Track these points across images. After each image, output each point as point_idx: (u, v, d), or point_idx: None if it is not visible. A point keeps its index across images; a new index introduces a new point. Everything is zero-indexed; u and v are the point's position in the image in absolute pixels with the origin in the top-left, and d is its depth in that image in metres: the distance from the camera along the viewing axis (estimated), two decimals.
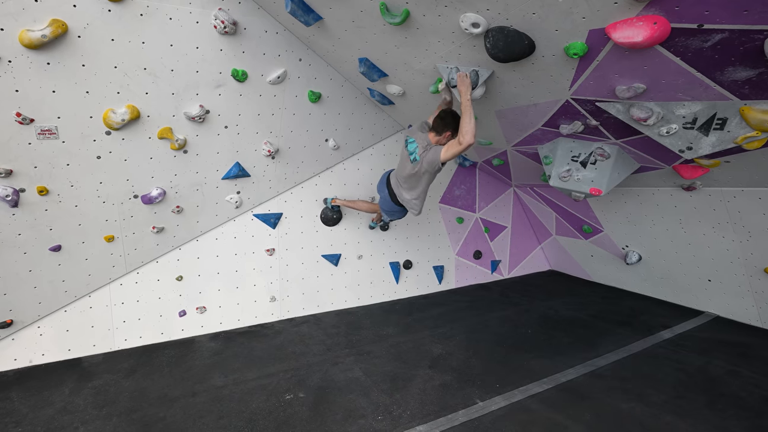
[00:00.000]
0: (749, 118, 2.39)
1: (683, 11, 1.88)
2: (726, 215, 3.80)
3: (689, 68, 2.24)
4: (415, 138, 3.24)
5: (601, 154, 3.53)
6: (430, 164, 3.10)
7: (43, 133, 3.00)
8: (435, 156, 3.04)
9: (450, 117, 3.09)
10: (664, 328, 4.10)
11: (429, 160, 3.09)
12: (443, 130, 3.12)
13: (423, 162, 3.13)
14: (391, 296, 5.08)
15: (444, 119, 3.10)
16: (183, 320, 4.04)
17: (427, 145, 3.16)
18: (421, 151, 3.15)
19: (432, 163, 3.08)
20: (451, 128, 3.09)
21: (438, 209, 5.40)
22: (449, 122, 3.08)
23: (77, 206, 3.36)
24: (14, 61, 2.73)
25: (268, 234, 4.38)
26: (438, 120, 3.13)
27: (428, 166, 3.13)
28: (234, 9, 3.23)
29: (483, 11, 2.33)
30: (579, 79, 2.69)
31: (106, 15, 2.85)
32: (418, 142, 3.20)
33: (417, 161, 3.16)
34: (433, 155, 3.06)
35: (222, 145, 3.74)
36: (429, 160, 3.09)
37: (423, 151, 3.14)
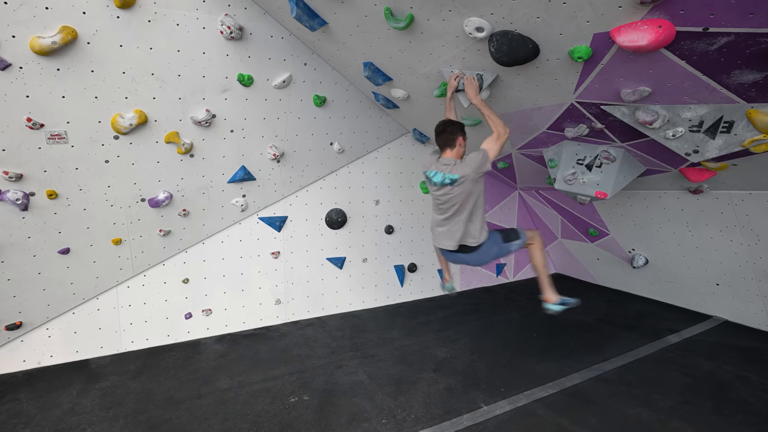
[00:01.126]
0: (756, 122, 2.37)
1: (688, 14, 1.87)
2: (734, 218, 3.77)
3: (695, 71, 2.23)
4: (435, 168, 2.85)
5: (606, 157, 3.51)
6: (476, 170, 2.69)
7: (53, 137, 3.04)
8: (476, 160, 2.68)
9: (450, 125, 2.87)
10: (671, 333, 4.06)
11: (470, 163, 2.69)
12: (454, 139, 2.84)
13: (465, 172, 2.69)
14: (395, 299, 5.08)
15: (445, 130, 2.86)
16: (189, 322, 4.07)
17: (454, 163, 2.77)
18: (454, 170, 2.74)
19: (476, 164, 2.68)
20: (459, 133, 2.86)
21: None
22: (453, 129, 2.85)
23: (86, 209, 3.40)
24: (25, 67, 2.78)
25: (273, 237, 4.40)
26: (442, 136, 2.86)
27: (475, 173, 2.69)
28: (240, 14, 3.27)
29: (487, 15, 2.34)
30: (584, 83, 2.68)
31: (115, 21, 2.90)
32: (441, 168, 2.81)
33: (457, 179, 2.70)
34: (473, 159, 2.70)
35: (228, 149, 3.78)
36: (471, 164, 2.69)
37: (455, 168, 2.74)
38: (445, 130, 2.85)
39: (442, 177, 2.77)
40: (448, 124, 2.87)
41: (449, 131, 2.84)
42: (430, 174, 2.88)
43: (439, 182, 2.79)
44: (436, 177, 2.81)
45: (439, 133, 2.87)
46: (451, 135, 2.85)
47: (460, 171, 2.70)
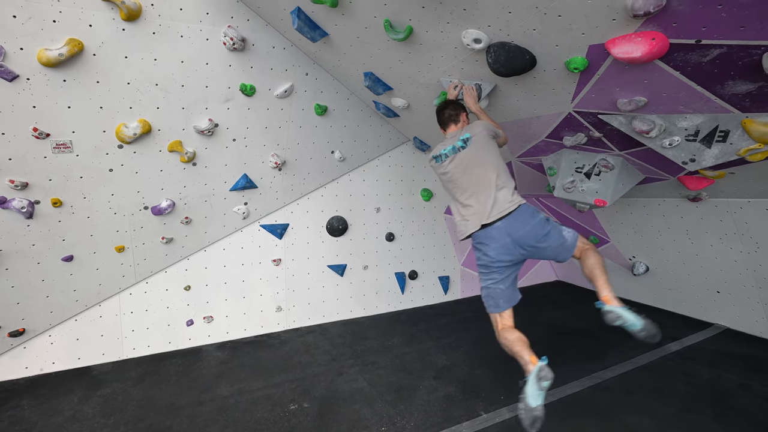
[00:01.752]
0: (751, 131, 2.40)
1: (680, 27, 1.91)
2: (733, 226, 3.78)
3: (689, 82, 2.26)
4: (441, 146, 2.71)
5: (605, 166, 3.54)
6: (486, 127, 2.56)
7: (59, 147, 3.10)
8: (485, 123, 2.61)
9: (450, 102, 2.84)
10: (672, 340, 4.05)
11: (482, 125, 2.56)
12: (458, 114, 2.79)
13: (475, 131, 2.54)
14: (396, 306, 5.09)
15: (446, 108, 2.81)
16: (190, 329, 4.09)
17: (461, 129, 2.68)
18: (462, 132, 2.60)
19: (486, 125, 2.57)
20: (461, 109, 2.83)
21: (443, 220, 5.42)
22: (454, 106, 2.82)
23: (89, 217, 3.44)
24: (32, 78, 2.84)
25: (274, 244, 4.43)
26: (445, 111, 2.79)
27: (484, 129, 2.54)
28: (243, 26, 3.33)
29: (484, 27, 2.38)
30: (581, 93, 2.72)
31: (120, 34, 2.96)
32: (447, 143, 2.66)
33: (468, 137, 2.51)
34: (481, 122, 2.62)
35: (230, 157, 3.82)
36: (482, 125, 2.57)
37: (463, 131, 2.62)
38: (447, 106, 2.83)
39: (451, 147, 2.56)
40: (449, 102, 2.87)
41: (452, 107, 2.83)
42: (438, 153, 2.61)
43: (450, 150, 2.55)
44: (446, 149, 2.57)
45: (441, 110, 2.80)
46: (454, 110, 2.82)
47: (469, 130, 2.56)
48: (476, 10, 2.25)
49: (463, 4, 2.24)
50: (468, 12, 2.29)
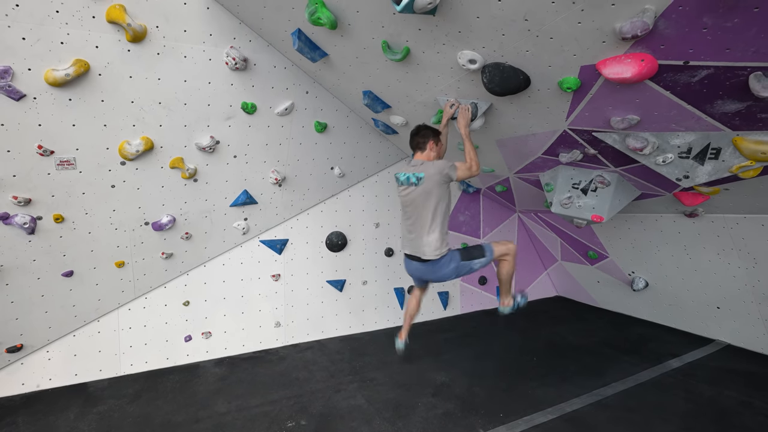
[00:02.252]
0: (742, 149, 2.45)
1: (668, 49, 1.97)
2: (730, 242, 3.79)
3: (680, 101, 2.31)
4: (404, 170, 2.95)
5: (601, 182, 3.58)
6: (440, 171, 2.73)
7: (62, 163, 3.15)
8: (442, 164, 2.75)
9: (424, 128, 2.94)
10: (672, 357, 4.03)
11: (437, 166, 2.75)
12: (425, 142, 2.92)
13: (430, 173, 2.74)
14: (395, 322, 5.07)
15: (418, 133, 2.94)
16: (188, 345, 4.08)
17: (421, 163, 2.86)
18: (420, 169, 2.81)
19: (441, 167, 2.73)
20: (431, 137, 2.93)
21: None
22: (426, 132, 2.93)
23: (90, 233, 3.48)
24: (39, 98, 2.91)
25: (274, 260, 4.45)
26: (415, 138, 2.94)
27: (438, 173, 2.73)
28: (245, 47, 3.42)
29: (479, 48, 2.45)
30: (574, 111, 2.78)
31: (126, 54, 3.05)
32: (408, 169, 2.90)
33: (422, 178, 2.75)
34: (439, 164, 2.75)
35: (231, 173, 3.87)
36: (437, 166, 2.74)
37: (421, 167, 2.81)
38: (418, 132, 2.95)
39: (406, 176, 2.86)
40: (422, 127, 2.96)
41: (422, 134, 2.93)
42: (398, 175, 2.97)
43: (405, 180, 2.87)
44: (403, 176, 2.90)
45: (413, 135, 2.96)
46: (423, 138, 2.93)
47: (426, 170, 2.77)
48: (471, 32, 2.32)
49: (457, 26, 2.31)
50: (463, 34, 2.36)
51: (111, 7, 2.85)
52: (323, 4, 2.58)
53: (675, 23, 1.81)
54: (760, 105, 2.12)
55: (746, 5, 1.60)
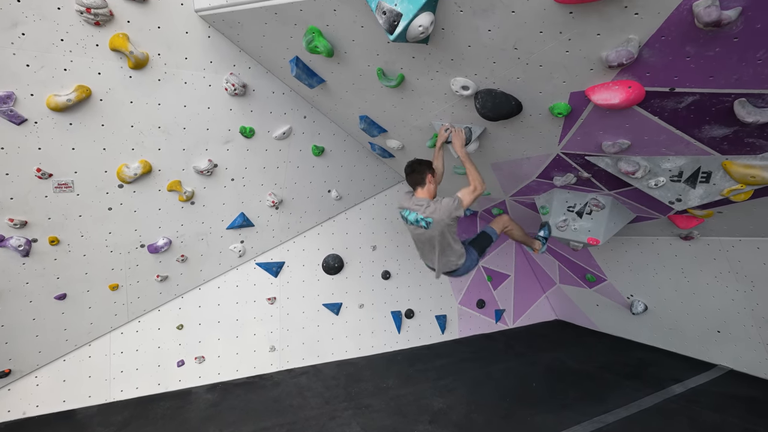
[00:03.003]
0: (732, 172, 2.48)
1: (654, 77, 2.03)
2: (727, 265, 3.79)
3: (668, 126, 2.36)
4: (408, 207, 2.95)
5: (595, 205, 3.60)
6: (448, 214, 2.74)
7: (60, 186, 3.17)
8: (449, 204, 2.75)
9: (417, 164, 2.95)
10: (675, 382, 3.95)
11: (444, 210, 2.75)
12: (423, 177, 2.92)
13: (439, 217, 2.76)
14: (392, 346, 4.99)
15: (415, 170, 2.94)
16: (181, 370, 4.00)
17: (426, 204, 2.84)
18: (427, 212, 2.81)
19: (449, 211, 2.74)
20: (427, 171, 2.93)
21: None
22: (421, 168, 2.93)
23: (85, 255, 3.46)
24: (40, 122, 2.96)
25: (270, 282, 4.42)
26: (412, 176, 2.96)
27: (447, 217, 2.75)
28: (244, 73, 3.50)
29: (471, 75, 2.52)
30: (567, 135, 2.83)
31: (127, 81, 3.12)
32: (414, 208, 2.89)
33: (431, 222, 2.79)
34: (446, 204, 2.76)
35: (228, 196, 3.90)
36: (444, 210, 2.75)
37: (428, 210, 2.82)
38: (414, 170, 2.94)
39: (416, 217, 2.87)
40: (415, 164, 2.95)
41: (418, 171, 2.92)
42: (404, 213, 2.99)
43: (414, 222, 2.89)
44: (411, 216, 2.91)
45: (408, 173, 2.97)
46: (420, 174, 2.91)
47: (434, 215, 2.76)
48: (462, 60, 2.38)
49: (450, 54, 2.38)
50: (455, 62, 2.43)
51: (114, 35, 2.93)
52: (320, 34, 2.66)
53: (659, 52, 1.87)
54: (747, 130, 2.17)
55: (726, 35, 1.66)
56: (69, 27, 2.82)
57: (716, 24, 1.56)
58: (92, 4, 2.77)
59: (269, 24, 2.85)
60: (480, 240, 3.16)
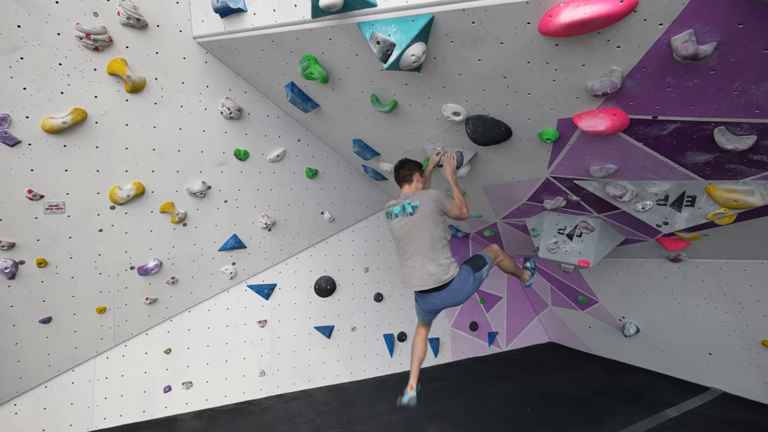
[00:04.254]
0: (715, 197, 2.55)
1: (637, 105, 2.11)
2: (715, 287, 3.84)
3: (653, 152, 2.44)
4: (394, 203, 2.93)
5: (585, 227, 3.66)
6: (436, 200, 2.72)
7: (51, 208, 3.15)
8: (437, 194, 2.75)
9: (408, 162, 2.99)
10: (669, 406, 3.93)
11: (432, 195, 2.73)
12: (411, 174, 2.94)
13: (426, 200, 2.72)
14: (385, 370, 4.91)
15: (404, 166, 2.96)
16: (167, 396, 3.88)
17: (411, 194, 2.84)
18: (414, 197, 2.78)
19: (436, 197, 2.73)
20: (415, 169, 2.96)
21: None
22: (411, 165, 2.97)
23: (73, 278, 3.41)
24: (34, 144, 2.96)
25: (261, 305, 4.36)
26: (401, 172, 2.96)
27: (434, 202, 2.71)
28: (240, 97, 3.56)
29: (462, 102, 2.59)
30: (555, 160, 2.90)
31: (124, 104, 3.15)
32: (399, 202, 2.88)
33: (417, 206, 2.71)
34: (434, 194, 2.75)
35: (221, 218, 3.89)
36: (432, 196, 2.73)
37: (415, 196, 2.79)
38: (403, 166, 2.98)
39: (401, 207, 2.82)
40: (405, 161, 3.01)
41: (407, 167, 2.97)
42: (390, 209, 2.91)
43: (399, 211, 2.82)
44: (396, 209, 2.85)
45: (397, 169, 2.99)
46: (409, 171, 2.96)
47: (420, 198, 2.75)
48: (454, 87, 2.46)
49: (441, 82, 2.46)
50: (446, 89, 2.51)
51: (113, 60, 2.98)
52: (315, 61, 2.74)
53: (641, 82, 1.95)
54: (727, 156, 2.25)
55: (703, 68, 1.75)
56: (68, 52, 2.87)
57: (693, 57, 1.65)
58: (92, 30, 2.83)
59: (266, 51, 2.93)
60: (474, 259, 3.07)
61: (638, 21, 1.63)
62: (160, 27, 3.08)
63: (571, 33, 1.72)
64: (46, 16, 2.75)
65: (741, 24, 1.52)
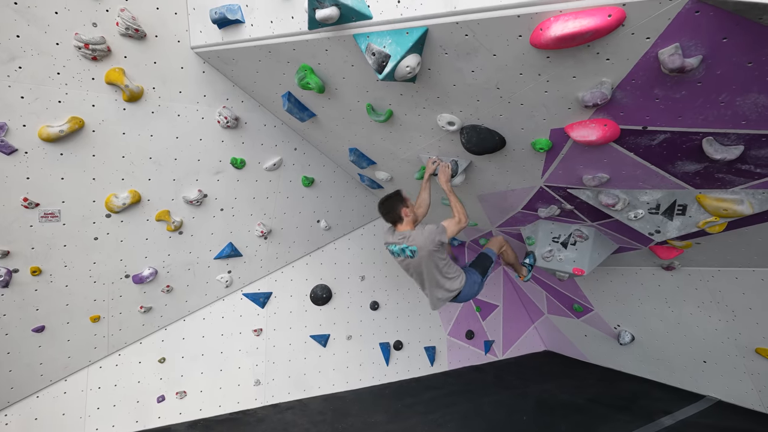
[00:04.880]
0: (706, 205, 2.59)
1: (627, 116, 2.16)
2: (708, 295, 3.86)
3: (643, 161, 2.48)
4: (393, 242, 2.94)
5: (579, 236, 3.69)
6: (432, 241, 2.72)
7: (46, 216, 3.14)
8: (432, 230, 2.73)
9: (388, 203, 2.92)
10: (664, 414, 3.93)
11: (427, 236, 2.73)
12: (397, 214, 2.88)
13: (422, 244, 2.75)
14: (381, 379, 4.89)
15: (388, 211, 2.92)
16: (161, 406, 3.84)
17: (408, 234, 2.83)
18: (410, 241, 2.80)
19: (432, 236, 2.72)
20: (399, 206, 2.88)
21: None
22: (392, 205, 2.90)
23: (68, 286, 3.39)
24: (30, 152, 2.97)
25: (256, 313, 4.35)
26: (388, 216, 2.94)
27: (431, 243, 2.72)
28: (237, 107, 3.59)
29: (456, 112, 2.63)
30: (549, 169, 2.94)
31: (121, 113, 3.17)
32: (399, 242, 2.89)
33: (416, 251, 2.79)
34: (429, 231, 2.74)
35: (217, 226, 3.89)
36: (427, 236, 2.73)
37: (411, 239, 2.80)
38: (387, 211, 2.93)
39: (400, 249, 2.88)
40: (386, 204, 2.93)
41: (390, 210, 2.91)
42: (391, 248, 3.00)
43: (399, 252, 2.91)
44: (396, 248, 2.93)
45: (384, 214, 2.96)
46: (394, 212, 2.90)
47: (417, 242, 2.76)
48: (448, 98, 2.50)
49: (436, 92, 2.49)
50: (441, 99, 2.55)
51: (111, 69, 3.01)
52: (312, 71, 2.77)
53: (630, 94, 1.99)
54: (716, 166, 2.29)
55: (690, 80, 1.79)
56: (66, 61, 2.89)
57: (680, 70, 1.69)
58: (91, 40, 2.86)
59: (263, 61, 2.96)
60: (480, 260, 3.26)
61: (626, 35, 1.68)
62: (159, 37, 3.11)
63: (562, 46, 1.76)
64: (45, 26, 2.77)
65: (725, 38, 1.56)
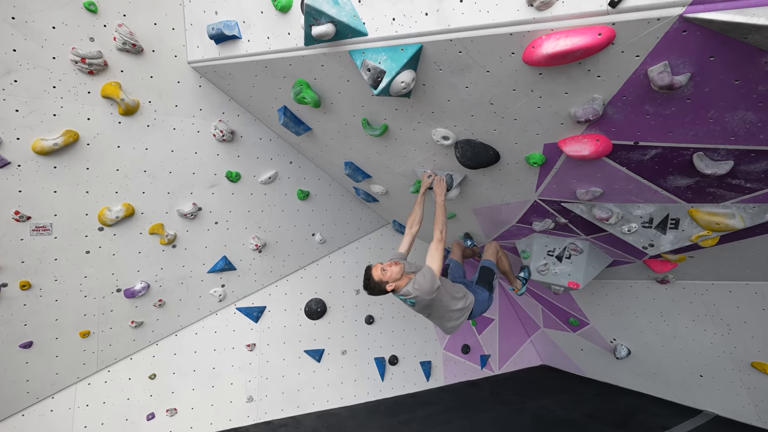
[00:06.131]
0: (698, 219, 2.61)
1: (619, 131, 2.19)
2: (703, 308, 3.87)
3: (636, 176, 2.51)
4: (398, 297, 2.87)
5: (574, 249, 3.70)
6: (429, 292, 2.69)
7: (37, 229, 3.11)
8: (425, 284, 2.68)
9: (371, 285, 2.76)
10: (662, 430, 3.90)
11: (424, 291, 2.69)
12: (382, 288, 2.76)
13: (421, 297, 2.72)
14: (375, 395, 4.82)
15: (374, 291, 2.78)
16: (150, 425, 3.75)
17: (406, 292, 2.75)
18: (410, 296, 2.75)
19: (429, 290, 2.69)
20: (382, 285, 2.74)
21: None
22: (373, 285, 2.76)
23: (57, 300, 3.34)
24: (23, 165, 2.95)
25: (249, 328, 4.29)
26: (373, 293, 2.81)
27: (428, 294, 2.70)
28: (233, 120, 3.61)
29: (451, 127, 2.66)
30: (543, 183, 2.96)
31: (116, 126, 3.17)
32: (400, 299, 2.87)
33: (415, 303, 2.78)
34: (421, 285, 2.69)
35: (210, 239, 3.87)
36: (425, 291, 2.69)
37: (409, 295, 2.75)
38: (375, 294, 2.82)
39: (402, 299, 2.83)
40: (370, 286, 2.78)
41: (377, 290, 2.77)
42: (396, 296, 2.87)
43: (402, 300, 2.86)
44: (400, 298, 2.85)
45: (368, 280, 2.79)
46: (380, 290, 2.77)
47: (414, 293, 2.70)
48: (443, 113, 2.53)
49: (431, 107, 2.52)
50: (436, 114, 2.57)
51: (107, 83, 3.02)
52: (308, 86, 2.80)
53: (622, 110, 2.03)
54: (707, 180, 2.32)
55: (680, 97, 1.82)
56: (62, 75, 2.90)
57: (669, 87, 1.72)
58: (88, 54, 2.87)
59: (259, 76, 2.99)
60: (483, 275, 3.31)
61: (616, 53, 1.71)
62: (156, 52, 3.13)
63: (554, 63, 1.79)
64: (42, 40, 2.78)
65: (712, 56, 1.60)
